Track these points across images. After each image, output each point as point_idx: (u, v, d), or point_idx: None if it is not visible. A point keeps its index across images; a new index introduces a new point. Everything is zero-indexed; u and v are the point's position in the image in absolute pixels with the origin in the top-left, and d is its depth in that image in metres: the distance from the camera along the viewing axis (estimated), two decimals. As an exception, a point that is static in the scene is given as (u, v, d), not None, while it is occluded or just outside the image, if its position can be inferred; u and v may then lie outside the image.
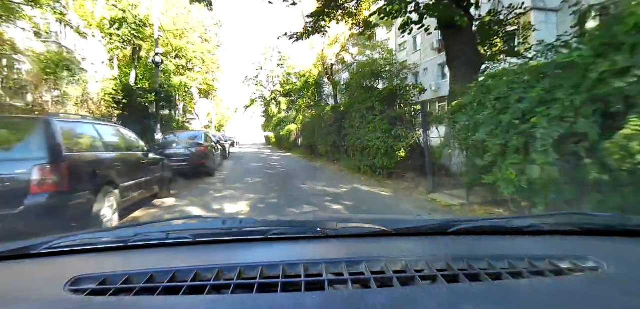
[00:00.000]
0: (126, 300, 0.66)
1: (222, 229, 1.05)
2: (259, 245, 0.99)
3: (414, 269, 0.76)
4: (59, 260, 0.92)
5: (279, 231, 1.01)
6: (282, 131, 24.22)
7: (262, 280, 0.73)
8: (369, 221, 1.12)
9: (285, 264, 0.79)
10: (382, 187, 6.68)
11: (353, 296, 0.64)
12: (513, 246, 0.97)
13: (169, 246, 0.98)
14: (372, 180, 7.55)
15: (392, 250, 0.89)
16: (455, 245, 0.95)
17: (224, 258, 0.89)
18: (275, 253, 0.91)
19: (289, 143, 21.88)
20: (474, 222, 1.11)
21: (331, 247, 0.95)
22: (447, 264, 0.78)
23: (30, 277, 0.82)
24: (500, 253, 0.85)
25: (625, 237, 1.02)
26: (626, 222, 1.05)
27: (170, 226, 1.15)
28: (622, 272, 0.73)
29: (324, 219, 1.12)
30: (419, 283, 0.70)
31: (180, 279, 0.75)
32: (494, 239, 1.04)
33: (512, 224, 1.06)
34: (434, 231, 1.07)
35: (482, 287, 0.67)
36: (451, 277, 0.73)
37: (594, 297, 0.63)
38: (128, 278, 0.75)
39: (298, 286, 0.70)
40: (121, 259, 0.90)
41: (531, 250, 0.90)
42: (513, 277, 0.73)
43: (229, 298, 0.66)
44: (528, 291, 0.65)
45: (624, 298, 0.63)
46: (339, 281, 0.74)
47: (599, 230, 1.04)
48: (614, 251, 0.88)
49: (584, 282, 0.69)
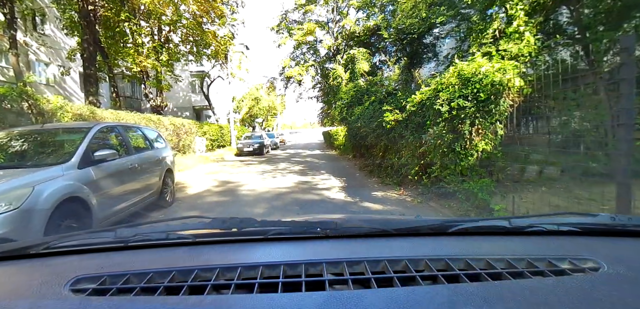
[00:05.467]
0: (126, 300, 0.66)
1: (222, 229, 1.05)
2: (259, 245, 0.98)
3: (414, 269, 0.76)
4: (59, 260, 0.92)
5: (279, 231, 1.01)
6: (359, 122, 9.85)
7: (263, 280, 0.73)
8: (369, 221, 1.12)
9: (285, 265, 0.79)
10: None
11: (354, 296, 0.64)
12: (513, 246, 0.97)
13: (169, 246, 0.98)
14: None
15: (393, 250, 0.89)
16: (455, 245, 0.95)
17: (224, 258, 0.88)
18: (276, 253, 0.91)
19: (381, 151, 8.65)
20: (474, 222, 1.11)
21: (331, 247, 0.95)
22: (447, 264, 0.79)
23: (30, 277, 0.81)
24: (500, 253, 0.85)
25: (625, 237, 1.02)
26: (626, 222, 1.05)
27: (170, 226, 1.15)
28: (622, 272, 0.73)
29: (324, 220, 1.12)
30: (419, 283, 0.70)
31: (180, 279, 0.75)
32: (494, 239, 1.04)
33: (512, 224, 1.06)
34: (434, 231, 1.07)
35: (482, 287, 0.67)
36: (451, 277, 0.73)
37: (594, 297, 0.63)
38: (128, 278, 0.75)
39: (298, 286, 0.70)
40: (121, 259, 0.90)
41: (531, 250, 0.90)
42: (513, 277, 0.73)
43: (229, 298, 0.66)
44: (528, 291, 0.65)
45: (624, 298, 0.63)
46: (340, 281, 0.74)
47: (599, 230, 1.04)
48: (614, 251, 0.88)
49: (584, 282, 0.69)
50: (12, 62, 10.76)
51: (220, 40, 18.31)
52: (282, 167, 11.81)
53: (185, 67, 23.73)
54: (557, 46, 6.43)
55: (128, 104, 20.44)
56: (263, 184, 7.80)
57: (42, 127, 4.17)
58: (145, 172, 4.67)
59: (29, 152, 3.67)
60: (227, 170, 11.20)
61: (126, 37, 15.77)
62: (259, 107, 36.21)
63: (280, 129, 47.68)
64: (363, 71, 15.95)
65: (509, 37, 5.47)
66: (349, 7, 20.03)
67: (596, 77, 5.39)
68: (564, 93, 3.96)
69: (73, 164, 3.28)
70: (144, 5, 14.18)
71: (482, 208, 4.32)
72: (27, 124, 6.50)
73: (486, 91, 4.39)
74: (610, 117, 4.51)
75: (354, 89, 11.56)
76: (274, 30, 22.35)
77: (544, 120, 4.93)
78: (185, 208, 5.60)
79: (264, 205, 5.59)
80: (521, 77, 4.41)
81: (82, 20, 12.14)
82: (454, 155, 4.80)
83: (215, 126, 21.95)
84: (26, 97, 6.80)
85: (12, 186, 2.67)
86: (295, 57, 22.51)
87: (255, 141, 18.82)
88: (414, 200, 5.52)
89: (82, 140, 3.61)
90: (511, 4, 5.60)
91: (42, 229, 2.65)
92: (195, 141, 16.52)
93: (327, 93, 20.60)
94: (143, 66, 14.75)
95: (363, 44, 17.36)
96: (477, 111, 4.51)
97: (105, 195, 3.62)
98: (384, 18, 15.94)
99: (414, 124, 6.13)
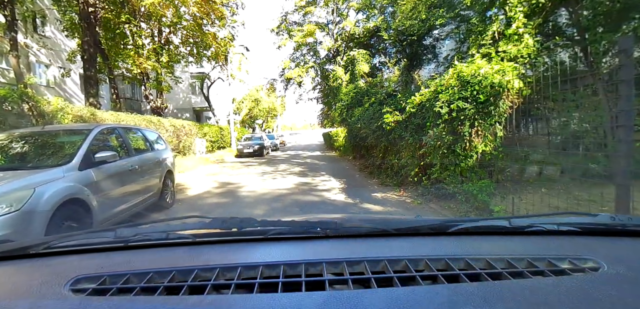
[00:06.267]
0: (126, 300, 0.66)
1: (222, 229, 1.05)
2: (259, 245, 0.98)
3: (414, 269, 0.76)
4: (59, 260, 0.92)
5: (279, 231, 1.01)
6: (359, 124, 9.88)
7: (263, 280, 0.73)
8: (369, 221, 1.12)
9: (285, 264, 0.79)
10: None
11: (354, 296, 0.64)
12: (513, 246, 0.97)
13: (169, 246, 0.98)
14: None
15: (393, 250, 0.89)
16: (455, 245, 0.95)
17: (224, 258, 0.88)
18: (276, 253, 0.91)
19: (381, 152, 8.47)
20: (474, 222, 1.11)
21: (331, 247, 0.95)
22: (447, 264, 0.79)
23: (30, 277, 0.81)
24: (500, 253, 0.85)
25: (625, 237, 1.02)
26: (626, 222, 1.05)
27: (170, 226, 1.15)
28: (622, 272, 0.73)
29: (324, 219, 1.12)
30: (419, 282, 0.71)
31: (180, 279, 0.75)
32: (494, 239, 1.04)
33: (512, 224, 1.06)
34: (434, 231, 1.07)
35: (482, 287, 0.67)
36: (451, 277, 0.73)
37: (594, 297, 0.63)
38: (128, 278, 0.75)
39: (298, 286, 0.70)
40: (121, 259, 0.90)
41: (531, 250, 0.90)
42: (513, 277, 0.73)
43: (229, 298, 0.66)
44: (528, 291, 0.65)
45: (624, 298, 0.63)
46: (340, 281, 0.74)
47: (599, 230, 1.04)
48: (614, 251, 0.88)
49: (584, 282, 0.69)
50: (12, 63, 10.77)
51: (221, 42, 18.30)
52: (282, 168, 11.80)
53: (185, 68, 23.71)
54: (556, 48, 6.44)
55: (128, 106, 20.43)
56: (263, 185, 7.79)
57: (42, 129, 4.17)
58: (145, 173, 4.67)
59: (29, 154, 3.67)
60: (227, 171, 11.20)
61: (126, 38, 15.78)
62: (259, 109, 36.25)
63: (280, 131, 47.65)
64: (363, 73, 16.02)
65: (508, 38, 5.49)
66: (348, 9, 19.95)
67: (595, 79, 5.40)
68: (563, 94, 3.97)
69: (74, 166, 3.29)
70: (144, 7, 14.20)
71: (481, 209, 4.32)
72: (28, 125, 6.50)
73: (485, 92, 4.39)
74: (610, 118, 4.52)
75: (354, 90, 11.63)
76: (274, 32, 22.29)
77: (544, 121, 4.94)
78: (185, 209, 5.59)
79: (264, 206, 5.59)
80: (520, 78, 4.41)
81: (82, 22, 12.17)
82: (453, 156, 4.80)
83: (215, 128, 21.94)
84: (27, 98, 6.80)
85: (13, 188, 2.67)
86: (295, 58, 22.38)
87: (255, 142, 18.95)
88: (414, 201, 5.51)
89: (83, 142, 3.61)
90: (510, 6, 5.62)
91: (43, 231, 2.65)
92: (195, 143, 16.53)
93: (327, 94, 20.61)
94: (143, 68, 14.76)
95: (363, 45, 17.42)
96: (476, 113, 4.51)
97: (106, 196, 3.63)
98: (383, 20, 15.98)
99: (414, 125, 6.14)
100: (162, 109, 16.90)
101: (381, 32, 15.12)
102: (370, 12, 17.73)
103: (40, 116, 7.00)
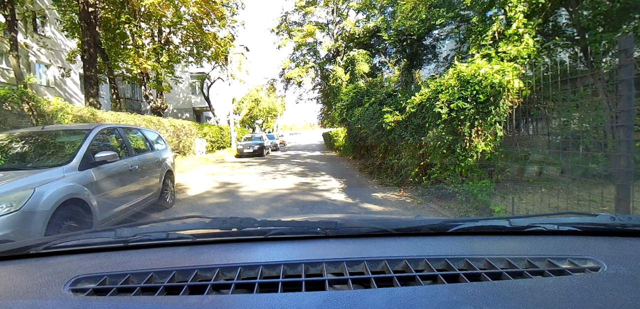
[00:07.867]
0: (126, 300, 0.66)
1: (222, 229, 1.05)
2: (259, 245, 0.98)
3: (414, 269, 0.76)
4: (59, 260, 0.92)
5: (279, 231, 1.01)
6: (359, 124, 9.78)
7: (263, 280, 0.73)
8: (369, 220, 1.12)
9: (285, 264, 0.79)
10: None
11: (354, 296, 0.64)
12: (513, 246, 0.97)
13: (169, 246, 0.98)
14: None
15: (393, 250, 0.89)
16: (455, 245, 0.95)
17: (224, 258, 0.88)
18: (276, 253, 0.91)
19: (381, 152, 8.60)
20: (474, 222, 1.11)
21: (331, 247, 0.95)
22: (447, 264, 0.79)
23: (30, 277, 0.81)
24: (500, 253, 0.85)
25: (625, 237, 1.01)
26: (626, 222, 1.04)
27: (170, 226, 1.15)
28: (622, 272, 0.73)
29: (324, 219, 1.12)
30: (419, 282, 0.70)
31: (180, 279, 0.75)
32: (493, 239, 1.03)
33: (512, 224, 1.06)
34: (434, 231, 1.07)
35: (482, 287, 0.67)
36: (451, 277, 0.73)
37: (594, 297, 0.63)
38: (128, 278, 0.75)
39: (298, 286, 0.70)
40: (121, 259, 0.90)
41: (531, 250, 0.90)
42: (513, 277, 0.73)
43: (229, 298, 0.66)
44: (528, 291, 0.65)
45: (624, 298, 0.62)
46: (340, 281, 0.74)
47: (598, 230, 1.04)
48: (614, 251, 0.88)
49: (584, 282, 0.69)
50: (12, 64, 10.77)
51: (221, 42, 18.36)
52: (282, 168, 11.80)
53: (185, 68, 23.71)
54: (556, 48, 6.44)
55: (128, 106, 20.44)
56: (263, 185, 7.79)
57: (42, 129, 4.17)
58: (145, 173, 4.67)
59: (29, 154, 3.67)
60: (227, 171, 11.19)
61: (126, 38, 15.79)
62: (259, 109, 36.25)
63: (280, 131, 47.64)
64: (363, 72, 15.96)
65: (508, 38, 5.48)
66: (348, 9, 20.11)
67: (595, 79, 5.40)
68: (563, 94, 3.97)
69: (74, 166, 3.29)
70: (144, 7, 14.22)
71: (481, 209, 4.32)
72: (28, 125, 6.51)
73: (485, 92, 4.39)
74: (610, 118, 4.52)
75: (354, 90, 11.62)
76: (274, 32, 22.35)
77: (544, 121, 4.94)
78: (185, 209, 5.59)
79: (264, 206, 5.59)
80: (520, 78, 4.41)
81: (82, 22, 12.16)
82: (453, 156, 4.80)
83: (215, 128, 21.93)
84: (27, 98, 6.80)
85: (13, 188, 2.67)
86: (295, 58, 22.41)
87: (255, 142, 18.95)
88: (414, 201, 5.51)
89: (83, 142, 3.61)
90: (510, 6, 5.62)
91: (43, 231, 2.65)
92: (195, 143, 16.53)
93: (327, 94, 20.65)
94: (143, 68, 14.76)
95: (363, 45, 17.39)
96: (476, 113, 4.51)
97: (106, 196, 3.62)
98: (383, 20, 15.97)
99: (414, 125, 6.15)
100: (162, 109, 16.91)
101: (381, 32, 15.11)
102: (370, 12, 17.92)
103: (40, 116, 7.00)
